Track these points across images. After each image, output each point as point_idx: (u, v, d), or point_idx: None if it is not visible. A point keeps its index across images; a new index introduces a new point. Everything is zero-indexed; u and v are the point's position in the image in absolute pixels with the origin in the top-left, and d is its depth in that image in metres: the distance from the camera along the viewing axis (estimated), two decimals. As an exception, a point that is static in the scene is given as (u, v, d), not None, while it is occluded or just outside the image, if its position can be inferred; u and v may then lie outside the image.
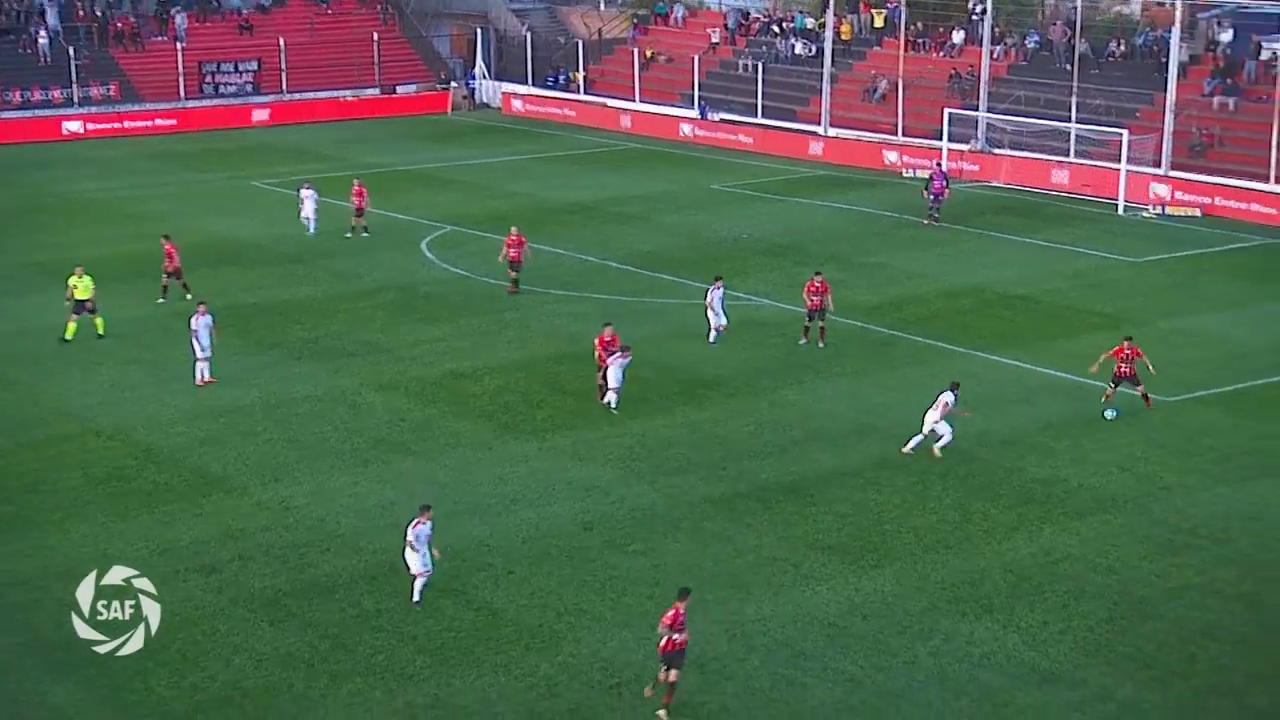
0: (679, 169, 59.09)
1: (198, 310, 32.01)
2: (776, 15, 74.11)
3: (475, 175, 57.68)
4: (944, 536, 24.41)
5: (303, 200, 45.43)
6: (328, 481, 26.62)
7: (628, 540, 24.26)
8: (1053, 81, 58.49)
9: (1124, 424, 29.42)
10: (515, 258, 38.81)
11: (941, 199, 47.73)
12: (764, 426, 29.40)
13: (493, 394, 31.36)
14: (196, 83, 70.94)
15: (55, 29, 69.31)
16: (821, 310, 34.20)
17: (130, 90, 69.19)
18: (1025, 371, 32.41)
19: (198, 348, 31.58)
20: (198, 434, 28.93)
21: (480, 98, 76.55)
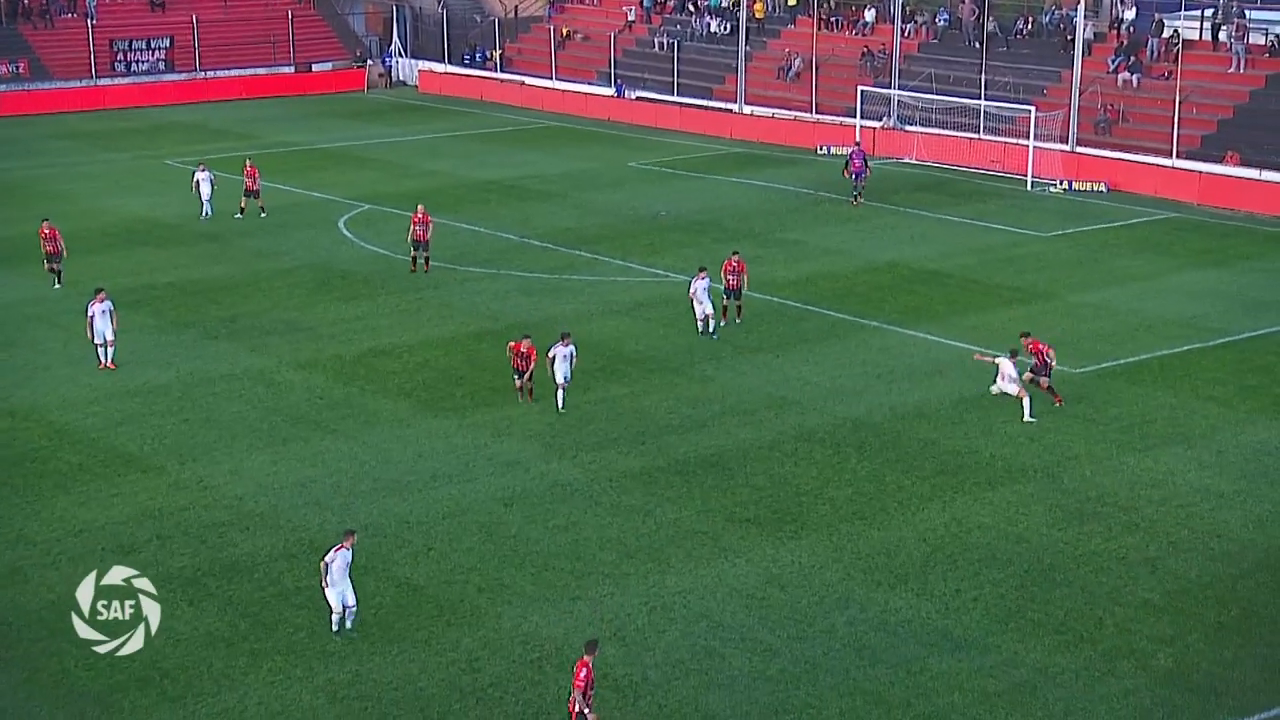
0: (597, 147, 58.95)
1: (96, 297, 30.94)
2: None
3: (392, 154, 57.18)
4: (860, 508, 24.63)
5: (198, 182, 44.43)
6: (246, 460, 26.34)
7: (548, 515, 24.25)
8: (962, 59, 58.95)
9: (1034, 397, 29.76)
10: (421, 236, 38.46)
11: (862, 178, 47.98)
12: (683, 402, 29.47)
13: (412, 371, 31.17)
14: (108, 60, 69.65)
15: (-39, 6, 67.78)
16: (739, 290, 34.29)
17: (40, 68, 67.79)
18: (937, 345, 32.74)
19: (95, 335, 30.69)
20: (114, 414, 28.50)
21: (397, 75, 75.88)
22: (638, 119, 64.41)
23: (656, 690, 19.22)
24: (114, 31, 70.21)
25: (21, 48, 67.93)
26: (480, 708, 18.85)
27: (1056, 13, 60.68)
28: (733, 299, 34.38)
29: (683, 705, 18.91)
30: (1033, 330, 30.85)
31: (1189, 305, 36.49)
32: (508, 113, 67.29)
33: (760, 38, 66.11)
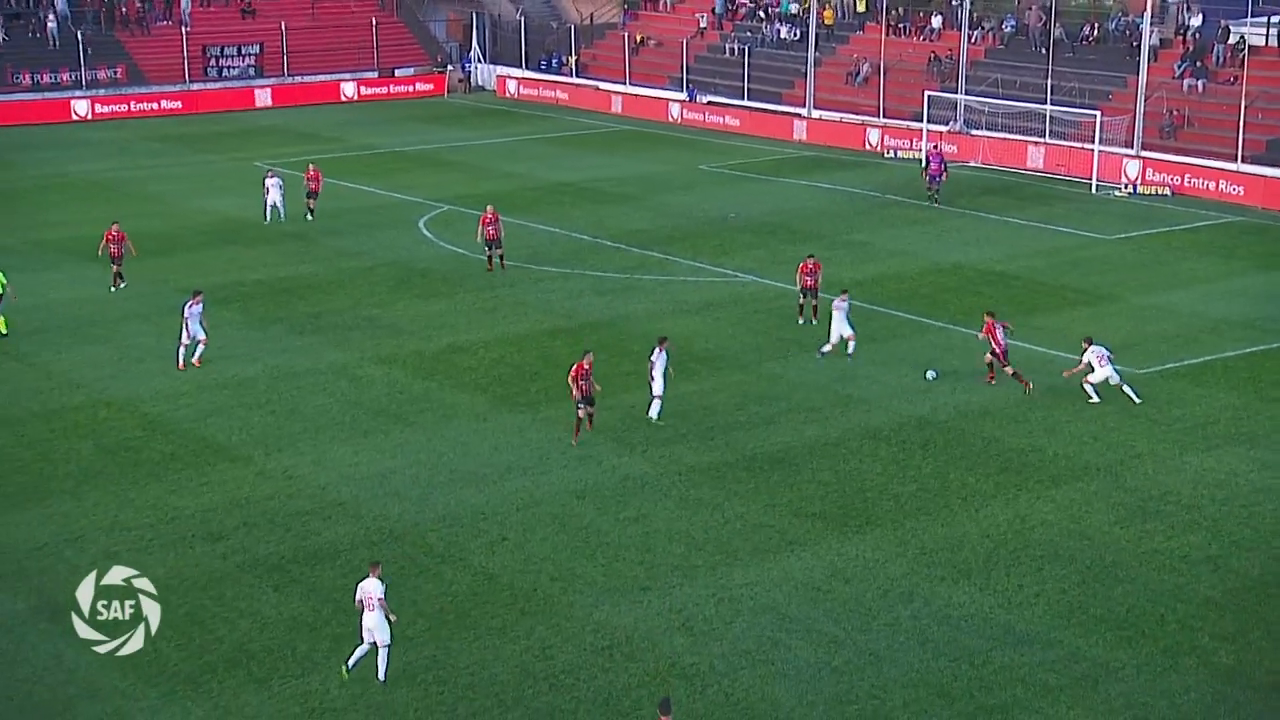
0: (668, 150, 58.94)
1: (194, 298, 31.02)
2: (763, 1, 73.82)
3: (471, 156, 57.49)
4: (924, 504, 24.46)
5: (268, 189, 44.65)
6: (329, 451, 26.61)
7: (619, 508, 24.29)
8: (1028, 65, 58.36)
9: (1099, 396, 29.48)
10: (492, 235, 38.68)
11: (938, 180, 47.80)
12: (751, 399, 29.40)
13: (488, 367, 31.33)
14: (200, 66, 70.59)
15: (64, 13, 68.97)
16: (817, 290, 34.09)
17: (136, 73, 68.86)
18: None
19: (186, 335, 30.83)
20: (204, 406, 28.89)
21: (476, 81, 76.30)
22: (709, 123, 64.34)
23: (723, 679, 19.20)
24: (206, 38, 71.14)
25: (119, 54, 69.03)
26: (552, 693, 18.92)
27: (1123, 19, 59.93)
28: (809, 298, 34.16)
29: (749, 694, 18.88)
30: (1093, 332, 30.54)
31: (1253, 308, 35.89)
32: (583, 117, 67.44)
33: (829, 43, 65.81)
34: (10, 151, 57.63)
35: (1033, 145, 53.91)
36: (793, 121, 61.87)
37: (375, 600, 18.98)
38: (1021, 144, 54.13)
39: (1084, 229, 44.52)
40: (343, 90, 72.03)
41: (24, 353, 32.11)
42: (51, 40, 67.73)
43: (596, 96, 69.81)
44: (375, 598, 18.99)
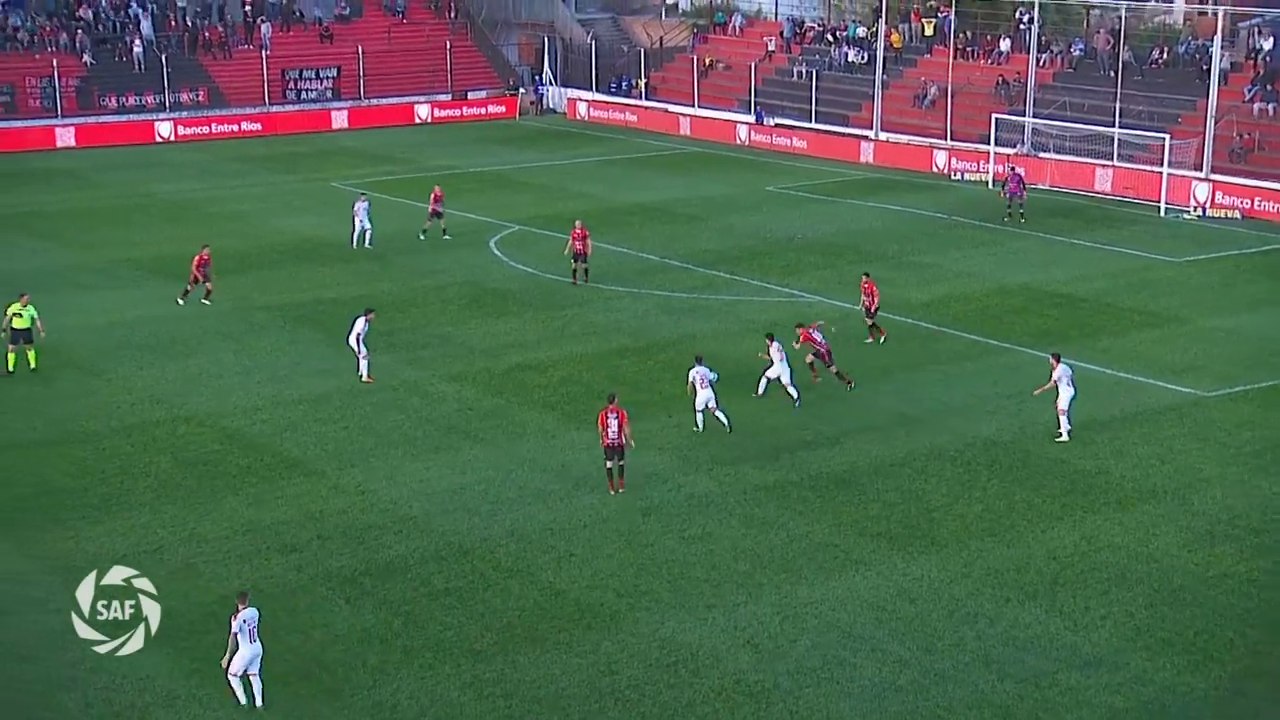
0: (736, 171, 58.93)
1: (365, 315, 31.43)
2: (830, 24, 73.71)
3: (542, 177, 57.81)
4: (990, 524, 24.22)
5: (356, 212, 44.84)
6: (401, 467, 26.80)
7: (684, 525, 24.25)
8: (1097, 88, 57.81)
9: (1164, 418, 29.09)
10: (581, 250, 38.98)
11: (1017, 199, 47.63)
12: (816, 418, 29.27)
13: (557, 385, 31.43)
14: (280, 89, 71.50)
15: (149, 38, 70.09)
16: (871, 309, 33.89)
17: (218, 96, 69.89)
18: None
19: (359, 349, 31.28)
20: (280, 421, 29.21)
21: (547, 103, 76.73)
22: (776, 145, 64.27)
23: (788, 697, 19.09)
24: (286, 62, 72.06)
25: (202, 77, 70.09)
26: (617, 709, 18.90)
27: (1193, 43, 59.21)
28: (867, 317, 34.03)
29: (813, 713, 18.75)
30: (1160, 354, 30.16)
31: (1324, 331, 35.26)
32: (651, 139, 67.62)
33: (897, 66, 65.55)
34: (96, 172, 58.67)
35: (1100, 168, 53.34)
36: (859, 144, 61.66)
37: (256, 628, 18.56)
38: (1089, 167, 53.58)
39: (1152, 251, 43.96)
40: (417, 112, 72.71)
41: (105, 369, 32.63)
42: (137, 64, 68.91)
43: (665, 119, 69.98)
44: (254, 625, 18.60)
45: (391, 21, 76.82)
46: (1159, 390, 30.82)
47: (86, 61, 67.94)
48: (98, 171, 58.90)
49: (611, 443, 25.30)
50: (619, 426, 25.26)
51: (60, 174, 58.38)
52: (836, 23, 74.21)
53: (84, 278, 40.93)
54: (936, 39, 66.09)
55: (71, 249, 44.72)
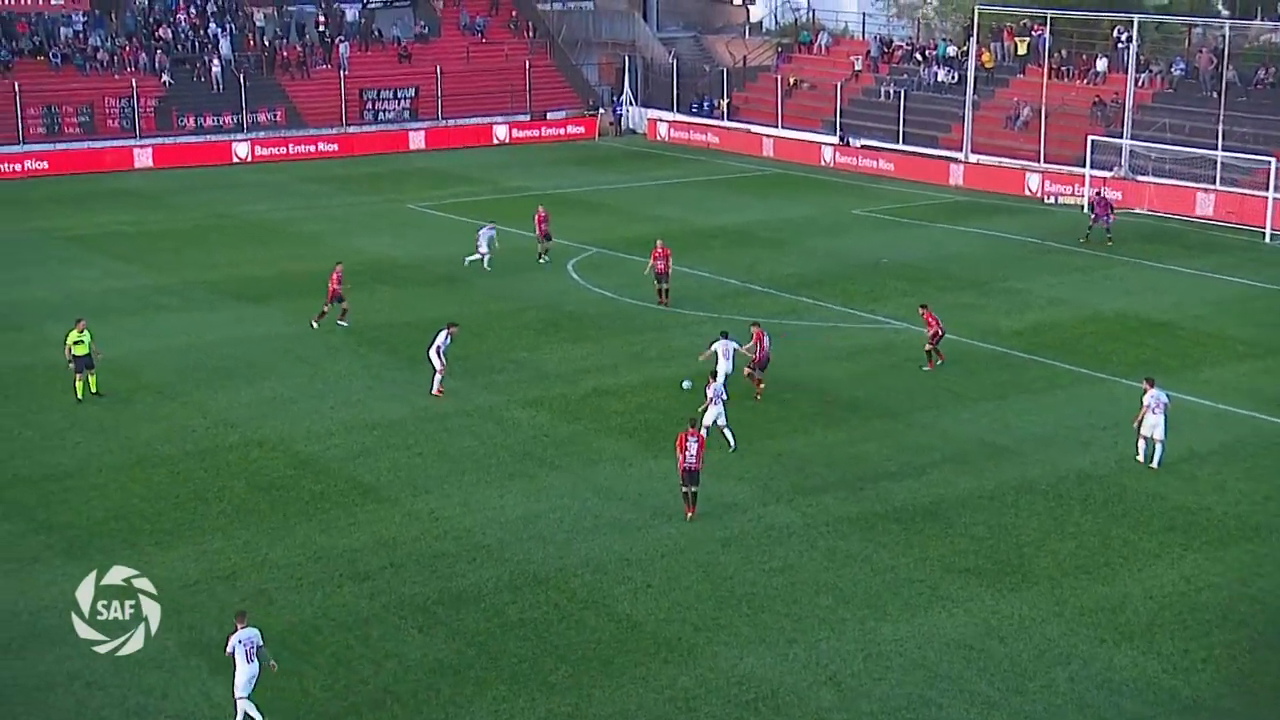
0: (820, 194, 58.81)
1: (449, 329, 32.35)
2: (919, 43, 73.41)
3: (621, 199, 58.05)
4: (1083, 562, 23.87)
5: (479, 239, 44.81)
6: (475, 494, 26.96)
7: (765, 558, 24.16)
8: (1198, 109, 57.05)
9: (1268, 453, 28.54)
10: (662, 270, 39.31)
11: (1102, 222, 47.49)
12: (901, 449, 29.06)
13: (634, 412, 31.47)
14: (357, 109, 72.46)
15: (227, 58, 71.40)
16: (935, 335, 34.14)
17: (296, 116, 70.98)
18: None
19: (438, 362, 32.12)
20: (353, 446, 29.50)
21: (627, 124, 77.10)
22: (862, 167, 64.07)
23: (871, 738, 18.91)
24: (364, 82, 73.03)
25: (279, 97, 71.24)
26: (695, 746, 18.83)
27: (1300, 61, 58.35)
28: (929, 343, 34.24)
29: (897, 754, 18.56)
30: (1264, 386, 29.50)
31: None
32: (734, 160, 67.68)
33: (988, 87, 65.11)
34: (173, 194, 59.78)
35: (1202, 192, 52.59)
36: (949, 166, 61.31)
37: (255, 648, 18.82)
38: (1190, 190, 52.85)
39: (1256, 279, 43.22)
40: (495, 133, 73.38)
41: (179, 392, 33.16)
42: (215, 84, 70.20)
43: (748, 140, 70.04)
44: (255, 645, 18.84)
45: (470, 41, 77.67)
46: (1262, 424, 30.25)
47: (165, 82, 69.34)
48: (175, 193, 60.02)
49: (690, 466, 25.48)
50: (698, 450, 25.47)
51: (137, 195, 59.57)
52: (926, 41, 73.90)
53: (160, 299, 41.69)
54: (1030, 58, 65.57)
55: (148, 270, 45.57)
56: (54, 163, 64.71)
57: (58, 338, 34.10)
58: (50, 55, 68.82)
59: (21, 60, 68.38)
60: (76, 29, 70.63)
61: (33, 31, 69.69)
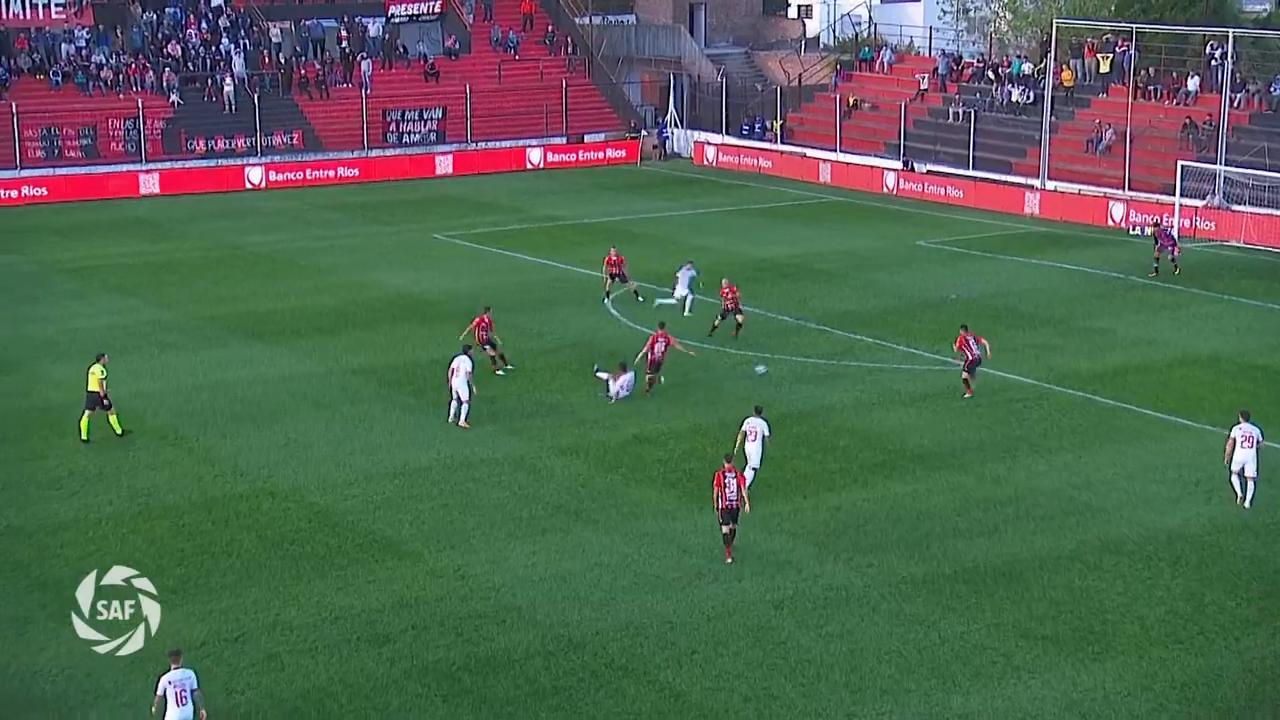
0: (882, 224, 58.83)
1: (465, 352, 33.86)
2: (992, 60, 73.52)
3: (664, 229, 58.26)
4: (1174, 630, 23.66)
5: (678, 279, 44.48)
6: (505, 550, 27.00)
7: (822, 621, 24.06)
8: (1300, 131, 56.87)
9: None
10: (732, 304, 40.18)
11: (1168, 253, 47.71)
12: (972, 503, 28.93)
13: (678, 460, 31.47)
14: (380, 131, 73.05)
15: (241, 76, 72.17)
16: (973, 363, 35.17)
17: (313, 139, 71.67)
18: (1268, 451, 31.22)
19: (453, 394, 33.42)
20: (372, 497, 29.62)
21: (672, 147, 77.48)
22: (928, 194, 64.08)
23: (938, 822, 18.76)
24: (387, 102, 73.65)
25: (297, 119, 71.98)
26: (743, 829, 18.72)
27: None
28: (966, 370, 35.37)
29: (967, 841, 18.40)
30: None
31: None
32: (787, 186, 67.83)
33: (1067, 107, 65.11)
34: (179, 223, 60.40)
35: (1304, 222, 52.32)
36: (1024, 194, 61.23)
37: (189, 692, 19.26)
38: (1290, 220, 52.58)
39: (1365, 318, 42.87)
40: (529, 157, 73.90)
41: (185, 437, 33.41)
42: (227, 105, 70.99)
43: (803, 164, 70.21)
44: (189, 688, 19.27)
45: (502, 58, 78.36)
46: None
47: (174, 102, 70.24)
48: (182, 221, 60.65)
49: (729, 505, 25.91)
50: (737, 488, 25.89)
51: (143, 223, 60.28)
52: (999, 58, 74.06)
53: (166, 336, 42.09)
54: (1113, 76, 65.55)
55: (153, 305, 46.04)
56: (53, 189, 65.60)
57: (55, 377, 34.59)
58: (50, 73, 69.89)
59: (20, 79, 69.45)
60: (79, 45, 71.67)
61: (31, 48, 70.77)
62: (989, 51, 77.78)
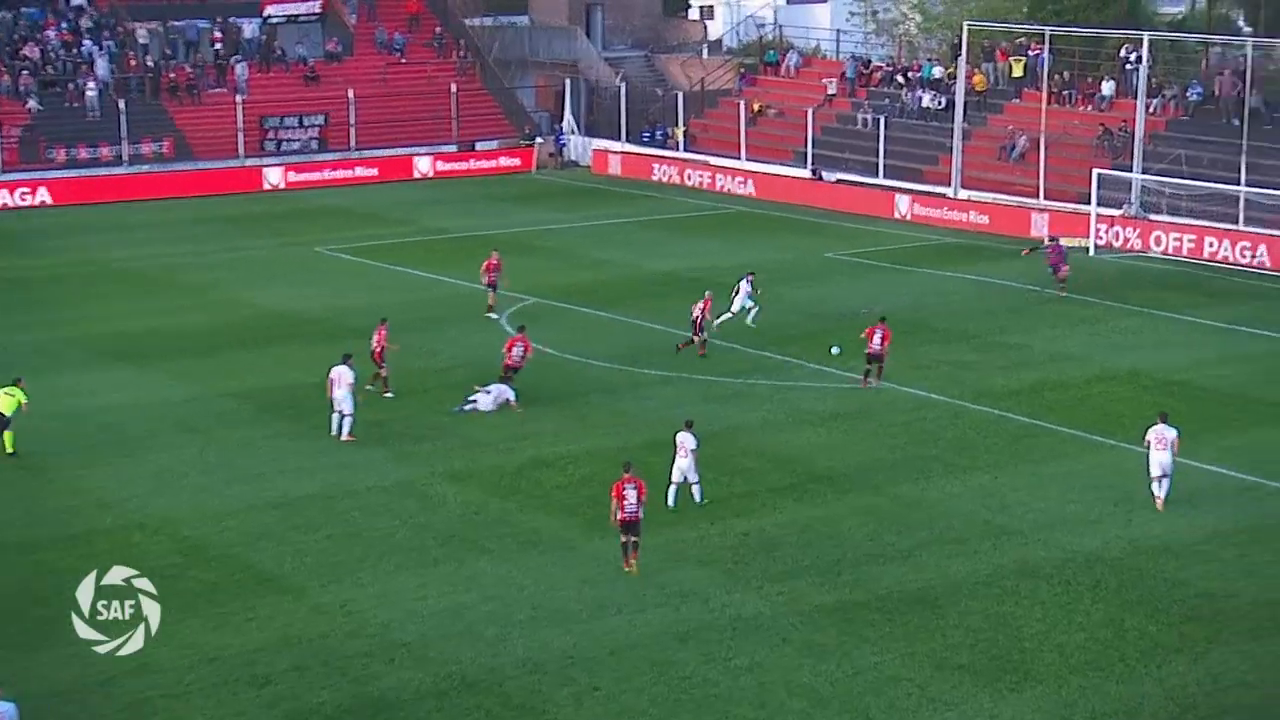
0: (790, 235, 59.29)
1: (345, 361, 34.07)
2: (901, 64, 74.42)
3: (561, 241, 58.30)
4: (1094, 657, 24.03)
5: (738, 289, 44.13)
6: (393, 583, 26.83)
7: (729, 654, 24.16)
8: (1219, 139, 58.03)
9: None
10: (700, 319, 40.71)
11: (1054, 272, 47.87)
12: (885, 527, 29.21)
13: (578, 486, 31.49)
14: (257, 139, 72.40)
15: (105, 80, 71.17)
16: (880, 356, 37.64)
17: (185, 147, 70.87)
18: (1188, 470, 31.88)
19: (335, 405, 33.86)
20: (251, 528, 29.32)
21: (569, 155, 77.58)
22: (836, 204, 64.65)
23: None
24: (265, 108, 73.04)
25: (166, 126, 71.14)
26: None
27: (1332, 84, 59.40)
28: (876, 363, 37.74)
29: None
30: None
31: None
32: (690, 196, 68.17)
33: (980, 113, 66.07)
34: (37, 236, 59.48)
35: (1223, 233, 53.41)
36: (936, 202, 61.94)
37: None
38: (1210, 231, 53.66)
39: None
40: (416, 166, 73.60)
41: (46, 468, 32.89)
42: (90, 110, 69.99)
43: (707, 173, 70.58)
44: None
45: (387, 61, 78.05)
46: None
47: (31, 108, 69.15)
48: (38, 236, 59.72)
49: (629, 517, 26.46)
50: (638, 499, 26.44)
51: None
52: (909, 62, 74.92)
53: (24, 359, 41.33)
54: (1027, 81, 66.55)
55: (7, 327, 45.21)
56: (-104, 202, 64.30)
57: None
58: (-109, 77, 68.56)
59: None
60: (-77, 47, 70.40)
61: None
62: (898, 55, 78.74)
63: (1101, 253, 54.27)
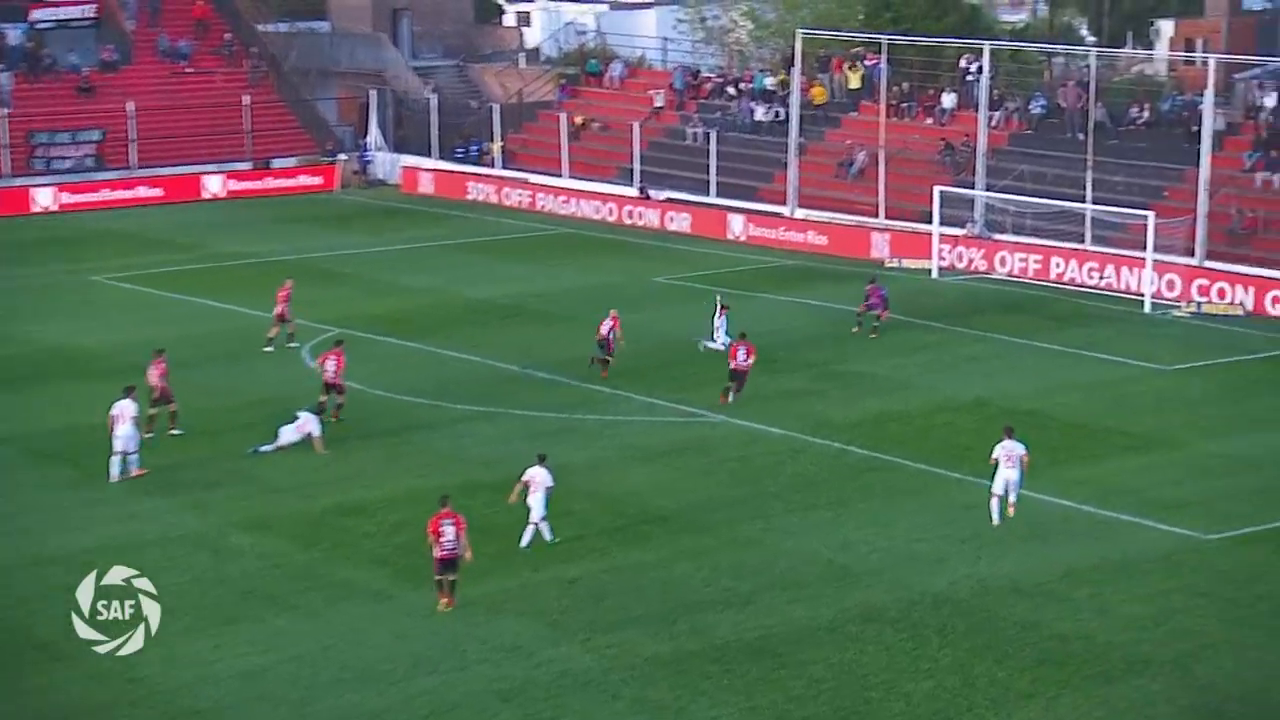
0: (616, 258, 59.52)
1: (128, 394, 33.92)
2: (732, 75, 75.21)
3: (367, 267, 57.89)
4: (942, 705, 24.41)
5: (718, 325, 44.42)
6: (183, 646, 26.33)
7: (555, 713, 24.12)
8: (1064, 154, 59.39)
9: (1156, 568, 29.66)
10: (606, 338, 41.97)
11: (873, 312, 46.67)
12: (721, 571, 29.40)
13: (388, 533, 31.25)
14: (24, 156, 70.92)
15: None
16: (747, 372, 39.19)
17: (-61, 165, 69.11)
18: (1037, 504, 32.64)
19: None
20: (21, 589, 28.65)
21: (375, 172, 77.10)
22: (665, 225, 65.08)
23: None
24: (33, 122, 71.62)
25: (-83, 141, 69.34)
26: None
27: (1179, 99, 61.10)
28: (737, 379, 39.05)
29: None
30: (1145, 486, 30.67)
31: (1348, 454, 36.37)
32: (508, 217, 68.13)
33: (816, 127, 66.88)
34: None
35: (1069, 253, 54.72)
36: (771, 222, 62.56)
37: None
38: (1056, 251, 54.94)
39: (1135, 357, 45.09)
40: (205, 185, 72.55)
41: None
42: None
43: (526, 192, 70.60)
44: None
45: (171, 70, 76.92)
46: (1148, 532, 31.47)
47: None
48: None
49: (447, 554, 26.98)
50: (455, 534, 26.98)
51: None
52: (740, 72, 75.72)
53: None
54: (865, 92, 67.54)
55: None
56: None
57: None
58: None
59: None
60: None
61: None
62: (729, 65, 79.60)
63: (945, 275, 55.32)
